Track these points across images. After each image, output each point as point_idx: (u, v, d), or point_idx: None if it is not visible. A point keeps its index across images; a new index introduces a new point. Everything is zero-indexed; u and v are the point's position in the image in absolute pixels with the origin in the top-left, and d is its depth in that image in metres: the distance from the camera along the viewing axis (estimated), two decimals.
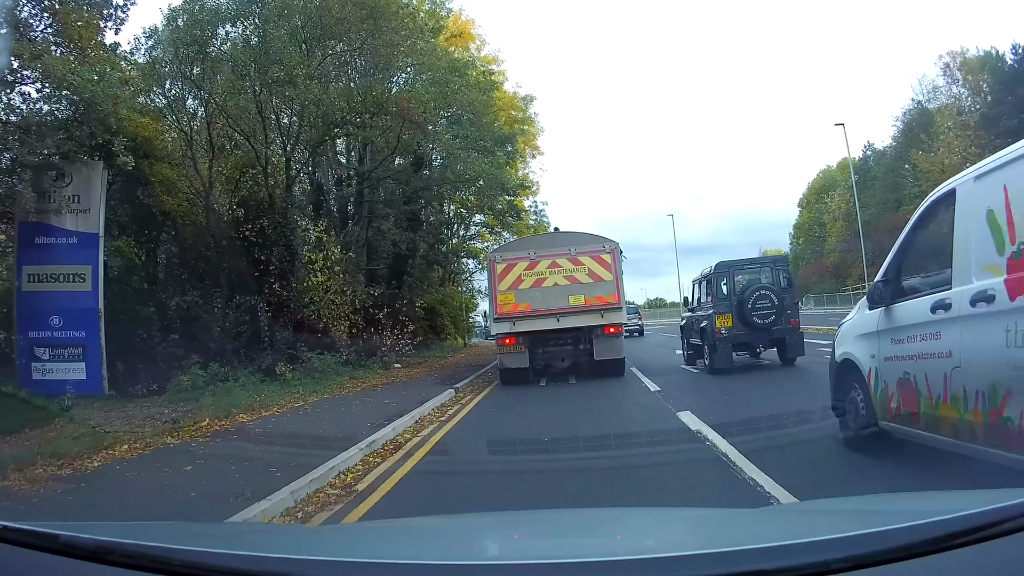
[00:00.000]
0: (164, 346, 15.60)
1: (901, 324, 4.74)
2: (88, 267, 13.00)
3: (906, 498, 2.54)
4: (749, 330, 12.30)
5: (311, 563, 1.46)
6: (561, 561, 1.54)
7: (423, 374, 17.01)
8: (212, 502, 5.12)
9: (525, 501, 4.66)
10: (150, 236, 17.87)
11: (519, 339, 13.36)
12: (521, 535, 2.31)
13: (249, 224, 16.37)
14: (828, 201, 57.99)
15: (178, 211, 17.35)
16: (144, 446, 8.03)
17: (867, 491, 3.61)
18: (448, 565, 1.51)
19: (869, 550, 1.28)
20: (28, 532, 1.49)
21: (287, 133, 16.30)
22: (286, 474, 5.84)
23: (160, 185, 16.80)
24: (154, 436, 8.70)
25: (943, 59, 42.89)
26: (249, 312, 16.12)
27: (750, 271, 13.62)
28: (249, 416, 10.30)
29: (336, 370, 15.42)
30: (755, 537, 1.72)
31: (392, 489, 5.77)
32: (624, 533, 2.23)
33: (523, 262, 13.48)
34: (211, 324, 16.11)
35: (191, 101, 17.38)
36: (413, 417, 9.16)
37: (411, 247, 21.44)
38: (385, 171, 20.35)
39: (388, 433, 8.01)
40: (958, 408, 4.01)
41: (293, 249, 15.79)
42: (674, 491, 4.96)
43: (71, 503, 5.40)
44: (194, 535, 2.12)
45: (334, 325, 16.90)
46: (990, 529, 1.28)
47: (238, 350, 15.63)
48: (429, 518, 3.52)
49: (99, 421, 10.24)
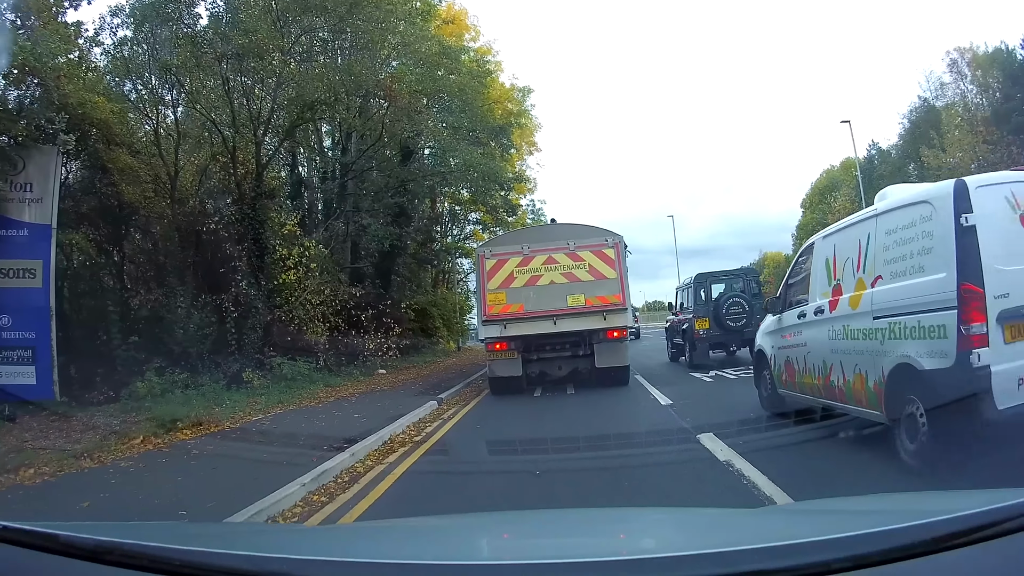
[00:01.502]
0: (123, 349, 14.31)
1: (784, 326, 7.32)
2: (39, 262, 11.84)
3: (906, 498, 2.61)
4: (723, 331, 14.29)
5: (310, 563, 1.45)
6: (561, 561, 1.54)
7: (408, 381, 15.52)
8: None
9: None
10: (114, 229, 16.52)
11: (511, 344, 11.83)
12: (522, 535, 2.29)
13: (216, 216, 14.94)
14: (832, 202, 56.87)
15: (141, 202, 15.99)
16: (54, 470, 6.81)
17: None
18: (448, 565, 1.52)
19: (869, 550, 1.27)
20: (28, 532, 1.50)
21: (257, 116, 14.76)
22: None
23: (120, 173, 15.48)
24: (71, 458, 7.43)
25: (950, 55, 41.78)
26: (216, 313, 14.73)
27: (725, 280, 15.73)
28: (193, 432, 8.92)
29: (309, 377, 13.95)
30: (755, 537, 1.72)
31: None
32: (624, 533, 2.22)
33: (515, 257, 11.96)
34: (174, 325, 14.72)
35: (155, 82, 16.02)
36: (381, 438, 7.68)
37: (397, 243, 19.90)
38: (370, 161, 18.87)
39: (346, 460, 6.54)
40: (811, 377, 6.49)
41: (263, 243, 14.28)
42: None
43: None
44: (194, 535, 2.13)
45: (310, 327, 15.43)
46: (990, 529, 1.28)
47: (203, 354, 14.26)
48: (429, 518, 3.43)
49: (37, 433, 9.33)
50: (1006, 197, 4.63)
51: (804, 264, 7.17)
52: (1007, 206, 4.60)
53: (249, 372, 13.60)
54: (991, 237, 4.46)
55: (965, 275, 4.45)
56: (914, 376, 4.82)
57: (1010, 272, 4.44)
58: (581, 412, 9.71)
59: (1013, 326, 4.39)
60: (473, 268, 31.94)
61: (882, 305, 5.32)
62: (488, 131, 21.69)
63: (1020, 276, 4.44)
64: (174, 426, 9.30)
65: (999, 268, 4.43)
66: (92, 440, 8.94)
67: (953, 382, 4.44)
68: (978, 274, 4.41)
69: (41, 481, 6.32)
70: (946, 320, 4.54)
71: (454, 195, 26.15)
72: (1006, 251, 4.49)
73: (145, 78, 15.95)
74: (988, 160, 36.36)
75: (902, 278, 5.14)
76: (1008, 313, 4.38)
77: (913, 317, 4.89)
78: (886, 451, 5.16)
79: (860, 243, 5.79)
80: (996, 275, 4.41)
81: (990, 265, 4.41)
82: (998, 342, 4.36)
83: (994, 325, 4.38)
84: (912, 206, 5.18)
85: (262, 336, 14.09)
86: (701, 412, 8.13)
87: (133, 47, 15.55)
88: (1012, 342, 4.38)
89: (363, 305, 18.02)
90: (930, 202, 4.93)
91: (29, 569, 1.44)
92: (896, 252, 5.25)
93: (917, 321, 4.84)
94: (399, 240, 20.07)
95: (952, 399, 4.42)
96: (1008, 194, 4.63)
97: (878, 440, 5.42)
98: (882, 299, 5.34)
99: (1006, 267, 4.45)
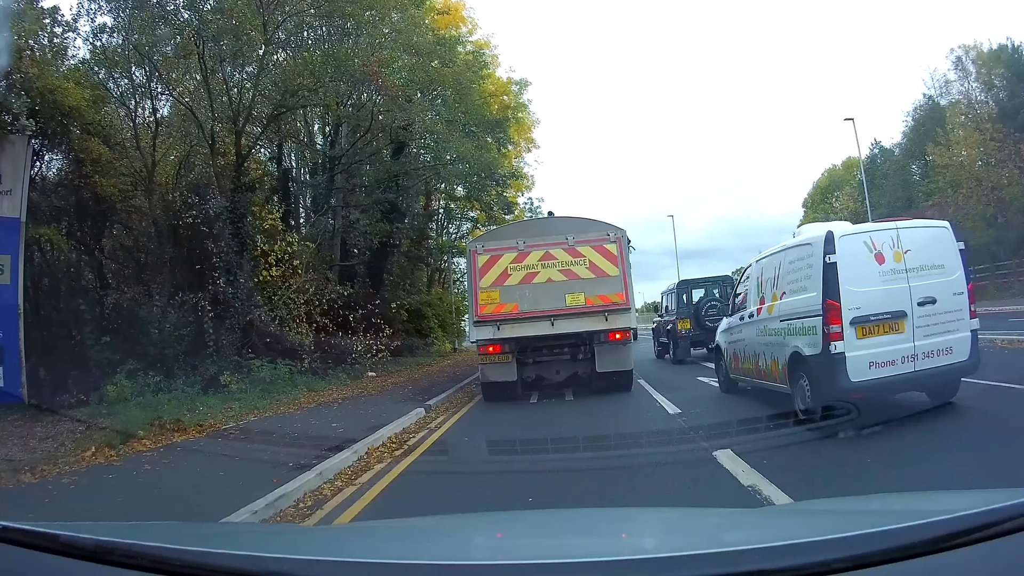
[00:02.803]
0: (97, 349, 13.56)
1: (732, 327, 9.72)
2: (7, 257, 11.37)
3: (906, 498, 2.59)
4: (703, 331, 15.77)
5: (310, 563, 1.45)
6: (562, 561, 1.55)
7: (397, 385, 14.66)
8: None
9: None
10: (92, 224, 15.77)
11: (505, 347, 10.93)
12: (523, 535, 2.25)
13: (194, 210, 14.11)
14: (834, 202, 56.24)
15: (118, 196, 15.20)
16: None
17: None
18: (449, 565, 1.51)
19: (869, 550, 1.27)
20: (28, 532, 1.50)
21: (238, 104, 13.91)
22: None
23: (94, 164, 14.72)
24: (11, 472, 6.74)
25: (955, 52, 41.11)
26: (193, 312, 13.91)
27: (704, 286, 18.08)
28: (153, 442, 8.15)
29: (291, 380, 13.11)
30: (755, 537, 1.73)
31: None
32: (624, 533, 2.20)
33: (510, 253, 11.08)
34: (149, 325, 13.92)
35: (133, 68, 15.23)
36: (356, 453, 6.84)
37: (388, 240, 19.04)
38: (360, 154, 18.02)
39: (311, 481, 5.70)
40: (748, 363, 8.89)
41: (241, 238, 13.42)
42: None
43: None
44: (193, 535, 2.09)
45: (293, 328, 14.59)
46: (990, 529, 1.29)
47: (178, 356, 13.45)
48: (429, 518, 3.39)
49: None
50: (864, 242, 6.71)
51: (746, 281, 9.61)
52: (864, 248, 6.65)
53: (227, 375, 12.80)
54: (849, 269, 6.53)
55: (827, 294, 6.57)
56: (801, 360, 7.03)
57: (862, 292, 6.50)
58: (581, 421, 8.87)
59: (862, 327, 6.47)
60: (470, 268, 31.05)
61: (784, 312, 7.62)
62: (483, 124, 20.85)
63: (869, 295, 6.49)
64: (135, 434, 8.59)
65: (853, 290, 6.49)
66: (48, 448, 8.36)
67: (822, 364, 6.60)
68: (836, 293, 6.49)
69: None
70: (816, 323, 6.71)
71: (449, 192, 25.26)
72: (860, 278, 6.55)
73: (122, 66, 15.22)
74: (996, 158, 35.77)
75: (795, 294, 7.38)
76: (859, 319, 6.46)
77: (799, 320, 7.13)
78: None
79: (776, 268, 8.08)
80: (851, 294, 6.47)
81: (846, 288, 6.48)
82: (851, 338, 6.44)
83: (848, 327, 6.43)
84: (802, 246, 7.42)
85: (241, 337, 13.23)
86: (715, 424, 7.28)
87: (111, 36, 14.86)
88: (862, 338, 6.46)
89: (352, 305, 17.23)
90: (811, 244, 7.09)
91: (29, 569, 1.45)
92: (793, 276, 7.54)
93: (802, 323, 7.06)
94: (390, 237, 19.22)
95: (822, 375, 6.64)
96: (867, 240, 6.72)
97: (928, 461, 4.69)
98: (784, 308, 7.64)
99: (859, 289, 6.51)
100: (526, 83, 28.47)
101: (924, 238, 6.81)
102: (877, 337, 6.44)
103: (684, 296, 17.60)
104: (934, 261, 6.63)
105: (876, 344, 6.41)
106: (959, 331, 6.55)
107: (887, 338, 6.43)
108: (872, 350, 6.38)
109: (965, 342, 6.55)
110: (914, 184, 43.65)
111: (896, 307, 6.44)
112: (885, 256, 6.59)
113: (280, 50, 14.04)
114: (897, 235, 6.68)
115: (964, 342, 6.55)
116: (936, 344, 6.45)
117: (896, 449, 5.63)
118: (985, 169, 36.48)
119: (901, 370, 6.39)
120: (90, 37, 15.03)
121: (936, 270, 6.61)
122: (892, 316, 6.44)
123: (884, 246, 6.62)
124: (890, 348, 6.40)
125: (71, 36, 15.04)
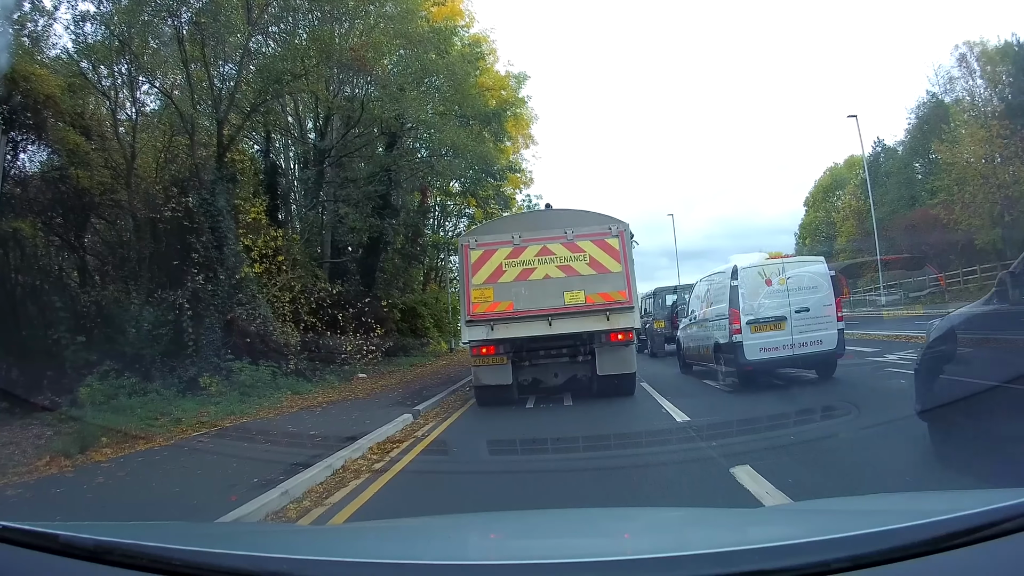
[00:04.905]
0: (72, 349, 12.89)
1: (685, 325, 13.94)
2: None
3: (906, 498, 2.66)
4: (674, 330, 17.39)
5: (310, 563, 1.44)
6: (562, 561, 1.55)
7: (387, 388, 13.98)
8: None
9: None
10: (70, 218, 15.13)
11: (499, 348, 10.25)
12: (523, 535, 2.24)
13: (174, 203, 13.41)
14: (836, 201, 55.68)
15: (97, 189, 14.56)
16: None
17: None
18: (450, 565, 1.51)
19: (869, 550, 1.26)
20: (28, 532, 1.49)
21: (220, 92, 13.20)
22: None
23: (70, 156, 14.09)
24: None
25: (959, 49, 40.53)
26: (172, 310, 13.22)
27: (677, 292, 20.50)
28: (114, 451, 7.62)
29: (273, 383, 12.43)
30: (755, 537, 1.74)
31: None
32: (625, 533, 2.19)
33: (505, 248, 10.38)
34: (126, 324, 13.25)
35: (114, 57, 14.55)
36: (330, 466, 6.15)
37: (380, 236, 18.32)
38: (351, 146, 17.31)
39: (274, 501, 5.02)
40: (693, 350, 12.95)
41: (221, 233, 12.72)
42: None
43: None
44: (194, 535, 2.09)
45: (278, 328, 13.90)
46: (989, 529, 1.27)
47: (155, 357, 12.77)
48: (429, 518, 3.35)
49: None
50: (758, 272, 10.23)
51: (695, 293, 13.44)
52: (757, 275, 10.19)
53: (207, 377, 12.11)
54: (746, 289, 10.08)
55: (732, 304, 10.12)
56: (720, 346, 10.56)
57: (755, 303, 9.99)
58: (581, 429, 8.18)
59: (755, 325, 9.87)
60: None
61: (710, 316, 11.33)
62: (480, 117, 20.16)
63: (759, 306, 9.98)
64: (94, 443, 7.96)
65: (749, 302, 10.00)
66: (6, 456, 7.72)
67: (730, 348, 10.06)
68: (737, 305, 10.02)
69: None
70: (726, 323, 10.14)
71: (444, 188, 24.54)
72: (753, 294, 10.05)
73: (102, 53, 14.57)
74: (1002, 155, 35.20)
75: (716, 304, 11.01)
76: (752, 320, 9.89)
77: (717, 321, 10.72)
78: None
79: (710, 286, 11.87)
80: (748, 305, 9.99)
81: (745, 302, 10.00)
82: (748, 332, 9.86)
83: (745, 325, 9.86)
84: (721, 273, 11.16)
85: (221, 336, 12.54)
86: (728, 434, 6.60)
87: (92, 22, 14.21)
88: (756, 332, 9.84)
89: (342, 303, 16.56)
90: (724, 272, 10.81)
91: (29, 569, 1.44)
92: (715, 293, 11.22)
93: (719, 323, 10.57)
94: (382, 233, 18.51)
95: (731, 355, 10.10)
96: (760, 269, 10.28)
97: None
98: (711, 313, 11.35)
99: (752, 302, 10.01)
100: (524, 77, 27.73)
101: (802, 269, 10.34)
102: (765, 332, 9.83)
103: (659, 300, 21.11)
104: (810, 284, 10.08)
105: (764, 336, 9.82)
106: (827, 329, 9.87)
107: (772, 333, 9.82)
108: (761, 340, 9.81)
109: (833, 337, 9.87)
110: (917, 182, 43.25)
111: (779, 313, 9.87)
112: (772, 281, 10.06)
113: (264, 34, 13.29)
114: (782, 267, 10.25)
115: (832, 337, 9.87)
116: (809, 337, 9.78)
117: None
118: (991, 166, 35.94)
119: (783, 354, 9.83)
120: (71, 25, 14.49)
121: (811, 290, 10.01)
122: (776, 319, 9.86)
123: (772, 274, 10.11)
124: (775, 339, 9.79)
125: (49, 22, 14.52)
